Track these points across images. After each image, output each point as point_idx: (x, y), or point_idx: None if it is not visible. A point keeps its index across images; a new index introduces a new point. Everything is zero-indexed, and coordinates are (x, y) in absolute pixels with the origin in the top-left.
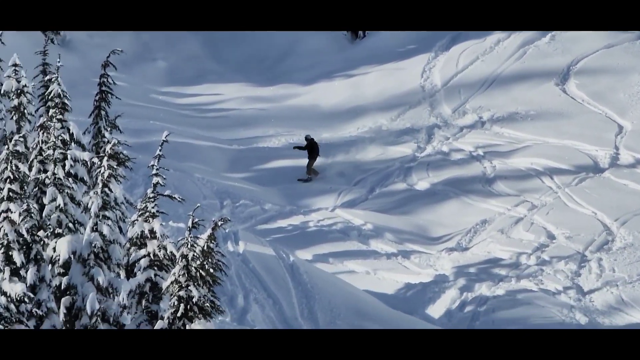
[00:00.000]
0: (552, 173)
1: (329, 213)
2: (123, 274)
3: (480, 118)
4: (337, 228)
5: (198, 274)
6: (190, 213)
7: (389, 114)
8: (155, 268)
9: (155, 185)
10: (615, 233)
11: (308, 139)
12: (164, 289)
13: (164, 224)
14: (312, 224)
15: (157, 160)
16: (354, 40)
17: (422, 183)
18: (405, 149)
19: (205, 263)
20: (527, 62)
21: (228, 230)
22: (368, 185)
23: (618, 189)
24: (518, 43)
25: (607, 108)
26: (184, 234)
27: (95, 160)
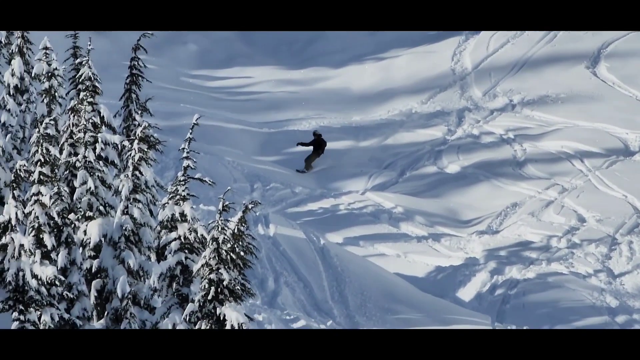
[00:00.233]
0: (582, 156)
1: (360, 196)
2: (154, 257)
3: (511, 101)
4: (367, 211)
5: (229, 257)
6: (221, 196)
7: (420, 97)
8: (186, 251)
9: (186, 169)
10: None
11: (315, 135)
12: (195, 272)
13: (195, 207)
14: (342, 207)
15: (187, 143)
16: None
17: (452, 166)
18: (436, 132)
19: (236, 246)
20: (557, 45)
21: (259, 213)
22: (398, 169)
23: None
24: None
25: (637, 91)
26: (215, 217)
27: (126, 143)
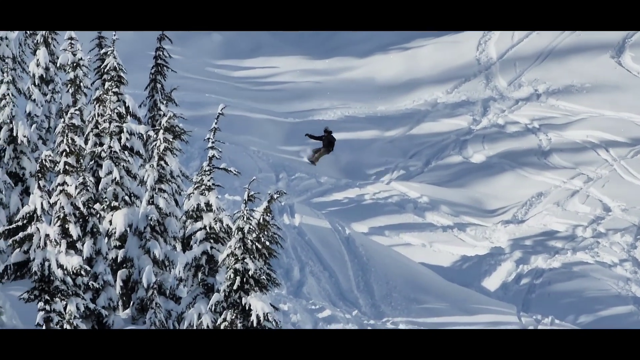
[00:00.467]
0: (607, 145)
1: (385, 186)
2: (179, 247)
3: (536, 90)
4: (392, 201)
5: (254, 247)
6: (246, 186)
7: (445, 87)
8: (211, 241)
9: (211, 158)
10: None
11: (326, 131)
12: (220, 262)
13: (220, 197)
14: (367, 197)
15: (212, 133)
16: None
17: (477, 156)
18: (461, 122)
19: (261, 236)
20: (582, 34)
21: (284, 203)
22: (423, 158)
23: None
24: None
25: None
26: (240, 207)
27: (151, 133)
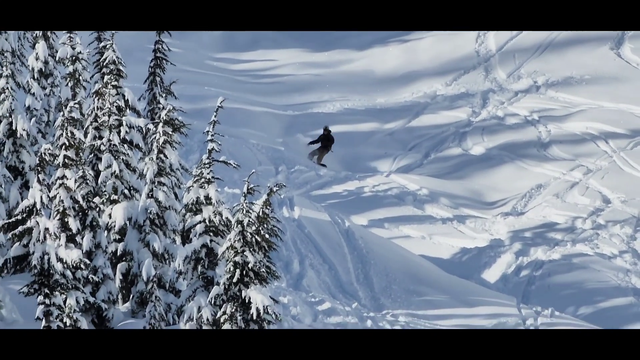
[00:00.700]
0: (607, 137)
1: (384, 178)
2: (179, 240)
3: (535, 82)
4: (392, 193)
5: (254, 240)
6: (246, 179)
7: (444, 79)
8: (211, 234)
9: (211, 151)
10: None
11: (325, 130)
12: (220, 255)
13: (220, 190)
14: (367, 190)
15: (212, 126)
16: None
17: (477, 148)
18: (460, 114)
19: (261, 229)
20: None
21: (283, 196)
22: (423, 150)
23: None
24: None
25: None
26: (240, 200)
27: (151, 127)
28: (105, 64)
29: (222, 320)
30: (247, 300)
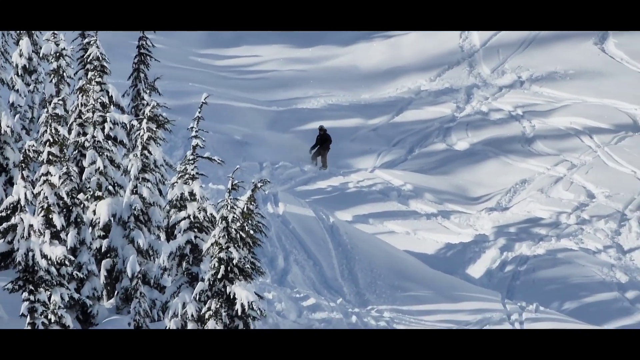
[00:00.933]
0: (591, 132)
1: (369, 174)
2: (163, 237)
3: (519, 77)
4: (376, 189)
5: (238, 236)
6: (230, 175)
7: (428, 75)
8: (196, 230)
9: (195, 148)
10: None
11: (321, 130)
12: (204, 251)
13: (204, 186)
14: (351, 185)
15: (196, 122)
16: None
17: (461, 143)
18: (444, 109)
19: (245, 225)
20: None
21: (268, 192)
22: (407, 146)
23: None
24: None
25: None
26: (224, 196)
27: (135, 123)
28: (89, 61)
29: (206, 317)
30: (231, 296)
